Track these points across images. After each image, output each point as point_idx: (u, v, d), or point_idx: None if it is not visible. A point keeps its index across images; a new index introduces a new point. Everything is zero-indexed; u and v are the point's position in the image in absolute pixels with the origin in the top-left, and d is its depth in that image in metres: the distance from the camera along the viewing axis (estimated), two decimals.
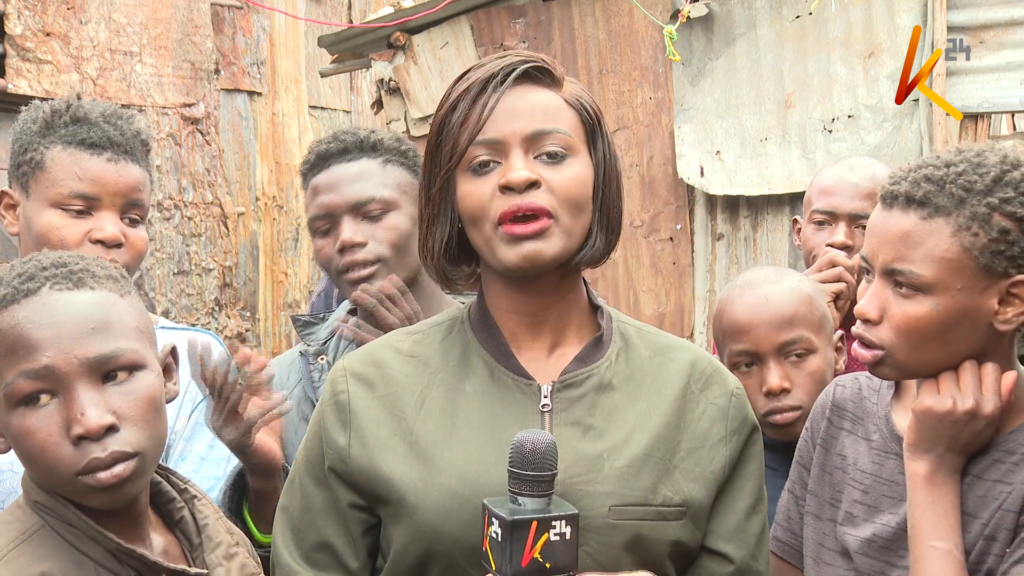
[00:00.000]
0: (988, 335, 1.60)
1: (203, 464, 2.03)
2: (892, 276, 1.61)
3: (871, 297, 1.64)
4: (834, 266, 2.39)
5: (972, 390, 1.59)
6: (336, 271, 2.21)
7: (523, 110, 1.55)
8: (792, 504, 1.87)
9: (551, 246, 1.53)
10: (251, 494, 1.95)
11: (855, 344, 1.68)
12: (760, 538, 1.65)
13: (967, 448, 1.60)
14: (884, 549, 1.67)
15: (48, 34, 6.85)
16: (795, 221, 2.79)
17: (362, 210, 2.19)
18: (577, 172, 1.56)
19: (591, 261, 1.60)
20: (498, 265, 1.57)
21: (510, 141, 1.54)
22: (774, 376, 2.07)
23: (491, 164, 1.54)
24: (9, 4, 6.64)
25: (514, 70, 1.56)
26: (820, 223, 2.57)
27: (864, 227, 2.45)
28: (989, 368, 1.60)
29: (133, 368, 1.43)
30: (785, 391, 2.07)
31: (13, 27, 6.66)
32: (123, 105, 7.06)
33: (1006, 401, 1.59)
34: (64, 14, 6.93)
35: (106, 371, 1.41)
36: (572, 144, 1.56)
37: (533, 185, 1.52)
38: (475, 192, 1.55)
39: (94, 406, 1.38)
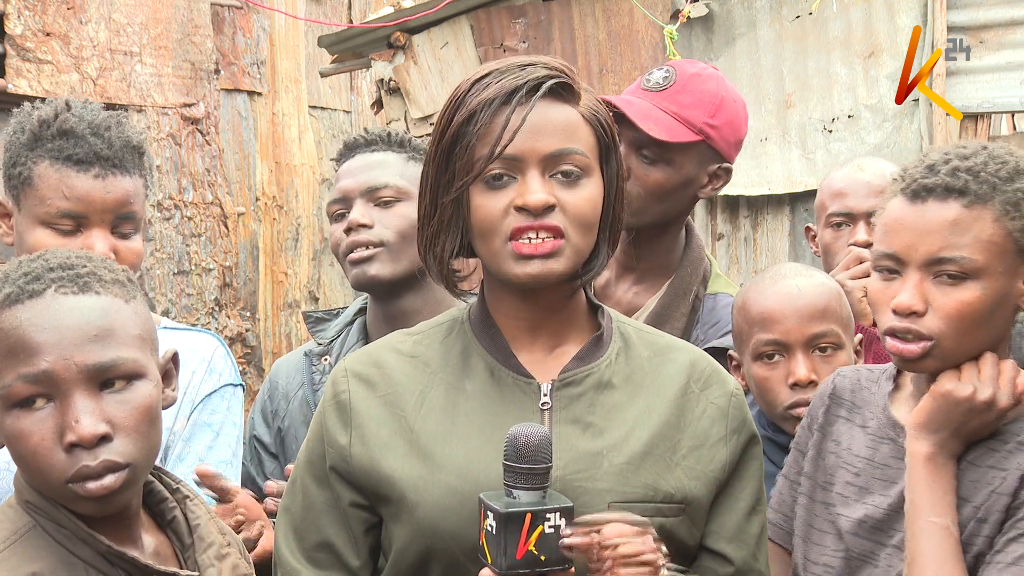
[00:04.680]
0: (1011, 319, 1.68)
1: None
2: (936, 266, 1.64)
3: (913, 291, 1.65)
4: (862, 262, 2.39)
5: (991, 381, 1.63)
6: (342, 253, 2.21)
7: (544, 128, 1.52)
8: (786, 488, 1.89)
9: (560, 264, 1.53)
10: None
11: (892, 340, 1.69)
12: (760, 539, 1.67)
13: (971, 436, 1.65)
14: (875, 529, 1.71)
15: (48, 34, 6.84)
16: (808, 229, 2.82)
17: (375, 195, 2.20)
18: (590, 193, 1.55)
19: (596, 275, 1.62)
20: (503, 278, 1.57)
21: (528, 159, 1.52)
22: (802, 368, 2.06)
23: (505, 178, 1.53)
24: (9, 4, 6.64)
25: (540, 85, 1.53)
26: (838, 225, 2.59)
27: None
28: (1009, 364, 1.65)
29: (132, 377, 1.42)
30: (812, 384, 2.04)
31: (13, 27, 6.66)
32: (122, 105, 7.08)
33: (1020, 397, 1.63)
34: (64, 14, 6.92)
35: (104, 379, 1.40)
36: (588, 164, 1.55)
37: (549, 208, 1.51)
38: (489, 207, 1.53)
39: (89, 414, 1.37)
